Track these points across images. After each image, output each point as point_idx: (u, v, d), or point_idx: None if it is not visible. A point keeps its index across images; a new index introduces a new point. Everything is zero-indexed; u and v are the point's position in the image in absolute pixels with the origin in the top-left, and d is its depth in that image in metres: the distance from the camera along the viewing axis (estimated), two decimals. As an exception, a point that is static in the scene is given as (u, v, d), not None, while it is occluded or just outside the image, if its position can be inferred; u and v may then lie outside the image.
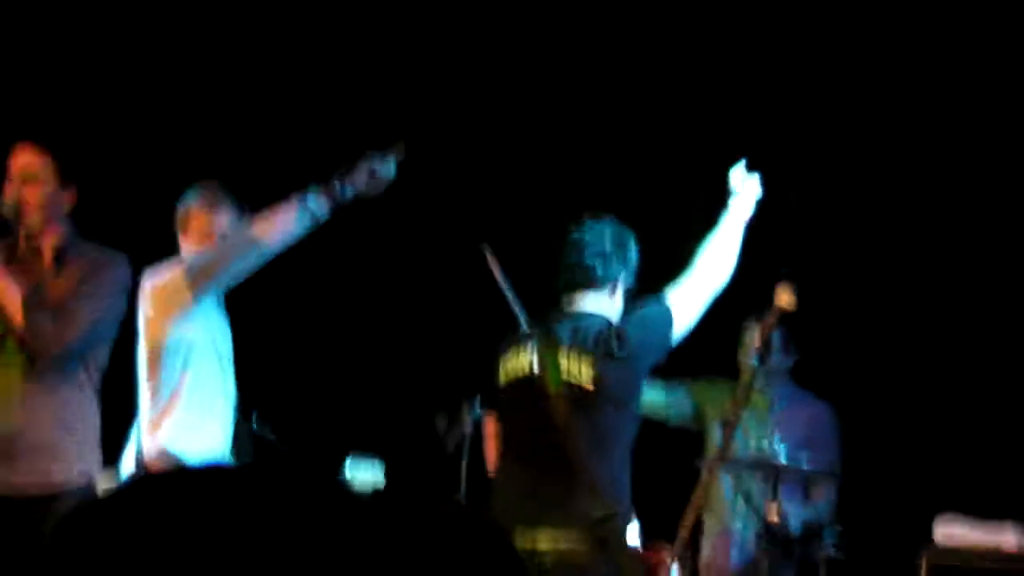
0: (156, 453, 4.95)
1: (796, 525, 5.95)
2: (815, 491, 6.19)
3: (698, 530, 6.16)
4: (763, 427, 6.19)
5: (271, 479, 2.36)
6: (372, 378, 7.34)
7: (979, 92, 6.73)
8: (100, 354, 4.79)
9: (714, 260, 4.73)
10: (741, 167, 4.85)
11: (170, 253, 5.19)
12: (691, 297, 4.69)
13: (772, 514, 5.66)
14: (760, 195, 4.82)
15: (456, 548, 2.47)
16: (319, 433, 6.78)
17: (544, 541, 4.43)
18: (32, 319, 4.61)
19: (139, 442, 5.05)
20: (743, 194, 4.81)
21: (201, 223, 5.22)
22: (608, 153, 7.08)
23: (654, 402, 5.90)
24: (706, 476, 5.74)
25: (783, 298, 4.57)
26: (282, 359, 7.12)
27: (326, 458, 5.82)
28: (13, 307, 4.63)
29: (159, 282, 5.03)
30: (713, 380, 6.28)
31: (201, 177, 5.37)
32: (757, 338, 5.88)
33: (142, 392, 5.06)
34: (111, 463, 5.22)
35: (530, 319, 4.66)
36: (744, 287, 4.87)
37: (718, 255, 4.74)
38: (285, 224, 4.92)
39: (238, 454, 5.37)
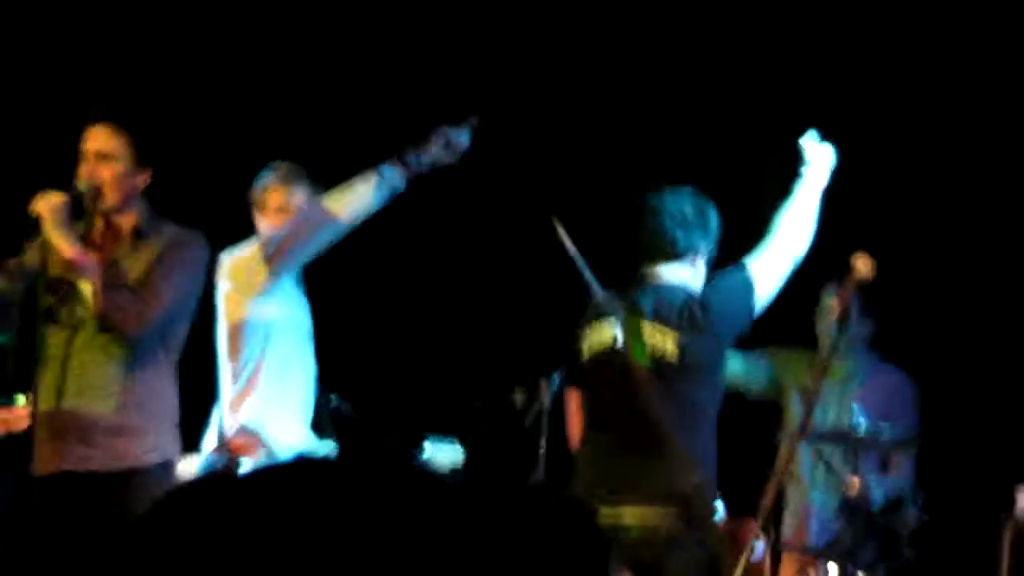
0: (237, 430, 4.97)
1: (877, 497, 5.89)
2: (895, 462, 6.12)
3: (779, 503, 6.12)
4: (842, 398, 6.13)
5: (352, 465, 2.36)
6: (448, 355, 7.35)
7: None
8: (178, 333, 4.80)
9: (792, 229, 4.70)
10: (813, 136, 4.81)
11: (247, 235, 5.21)
12: (772, 266, 4.66)
13: (852, 489, 5.61)
14: (835, 164, 4.78)
15: (539, 527, 2.46)
16: (397, 411, 6.78)
17: (630, 516, 4.42)
18: (110, 298, 4.61)
19: (220, 421, 5.07)
20: (816, 163, 4.77)
21: (277, 201, 5.23)
22: (682, 122, 7.03)
23: (733, 373, 5.85)
24: (786, 449, 5.73)
25: (860, 267, 4.53)
26: (359, 335, 7.13)
27: (405, 436, 5.82)
28: (92, 288, 4.64)
29: (238, 260, 5.04)
30: (791, 350, 6.23)
31: (275, 157, 5.39)
32: (836, 308, 5.88)
33: (223, 371, 5.08)
34: (193, 442, 5.26)
35: (610, 291, 4.65)
36: (820, 255, 4.84)
37: (796, 224, 4.71)
38: (362, 198, 4.92)
39: (318, 431, 5.39)
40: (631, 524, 4.42)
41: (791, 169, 4.78)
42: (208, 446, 5.23)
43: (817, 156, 4.78)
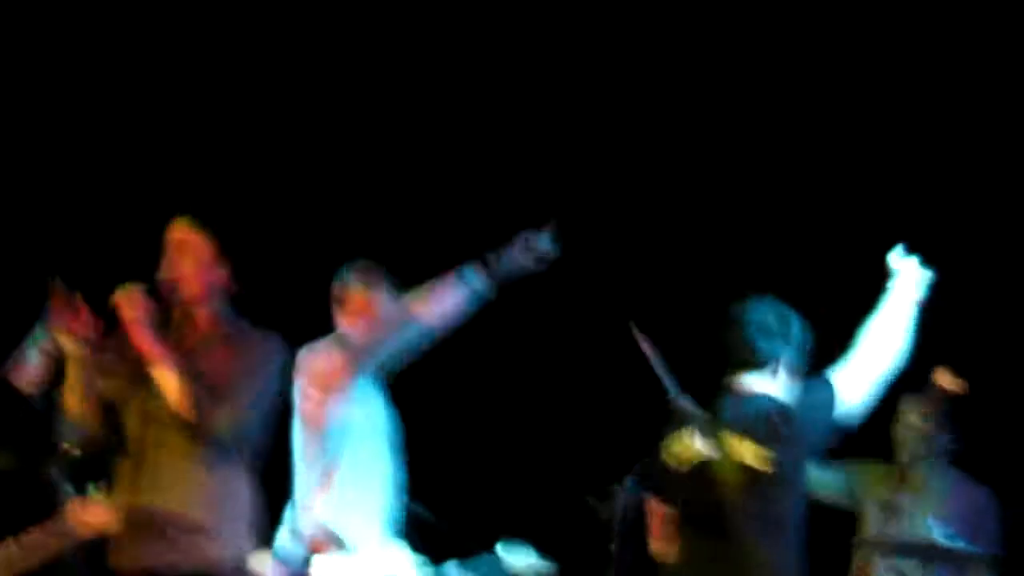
0: (315, 529, 4.94)
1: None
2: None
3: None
4: (920, 510, 6.06)
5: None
6: (523, 459, 7.33)
7: None
8: (254, 433, 4.79)
9: (880, 341, 4.66)
10: (899, 250, 4.78)
11: (326, 331, 5.21)
12: (857, 378, 4.61)
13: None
14: (929, 278, 4.74)
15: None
16: (472, 513, 6.75)
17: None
18: (185, 392, 4.61)
19: (293, 519, 5.04)
20: (905, 276, 4.73)
21: (357, 300, 5.25)
22: (763, 232, 7.02)
23: (809, 482, 5.81)
24: (861, 559, 5.66)
25: (944, 381, 4.48)
26: (438, 439, 7.12)
27: (479, 539, 5.79)
28: (167, 381, 4.64)
29: (317, 360, 5.04)
30: (869, 463, 6.18)
31: (356, 254, 5.40)
32: (920, 421, 5.81)
33: (299, 470, 5.06)
34: (266, 541, 5.23)
35: (690, 399, 4.62)
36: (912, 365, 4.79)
37: (884, 336, 4.66)
38: (446, 302, 4.94)
39: (401, 535, 5.36)
40: None
41: (881, 282, 4.75)
42: (280, 545, 5.19)
43: (906, 270, 4.75)
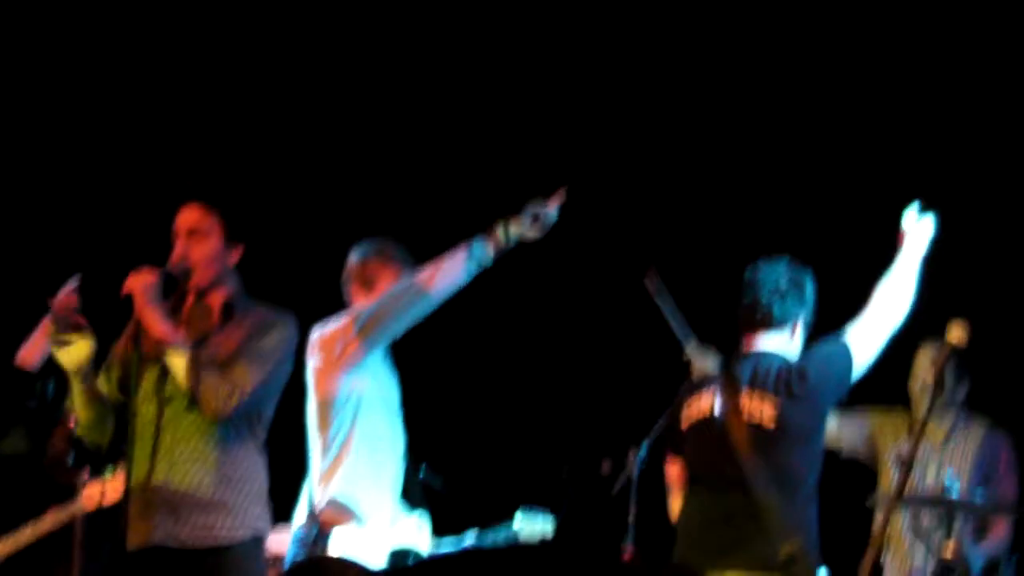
0: (327, 503, 4.98)
1: (975, 561, 5.81)
2: (993, 526, 6.04)
3: (878, 568, 6.05)
4: (938, 461, 6.08)
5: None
6: (538, 425, 7.35)
7: None
8: (266, 413, 4.82)
9: (891, 298, 4.70)
10: (915, 208, 4.81)
11: (337, 309, 5.24)
12: (869, 335, 4.66)
13: (948, 551, 5.53)
14: (935, 234, 4.77)
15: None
16: (488, 482, 6.79)
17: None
18: (199, 376, 4.65)
19: (311, 494, 5.09)
20: (917, 234, 4.76)
21: (371, 275, 5.26)
22: (781, 191, 7.03)
23: (828, 433, 5.82)
24: (883, 515, 5.67)
25: (955, 333, 4.49)
26: (448, 407, 7.15)
27: (496, 508, 5.82)
28: (182, 365, 4.68)
29: (329, 334, 5.07)
30: (887, 410, 6.19)
31: (366, 231, 5.43)
32: (930, 373, 5.82)
33: (313, 444, 5.09)
34: (284, 516, 5.28)
35: (709, 351, 4.69)
36: (916, 316, 4.81)
37: (894, 293, 4.71)
38: (452, 273, 4.95)
39: (409, 504, 5.40)
40: None
41: (892, 239, 4.77)
42: (299, 519, 5.24)
43: (917, 228, 4.78)
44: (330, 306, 5.25)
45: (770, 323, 4.70)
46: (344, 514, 4.96)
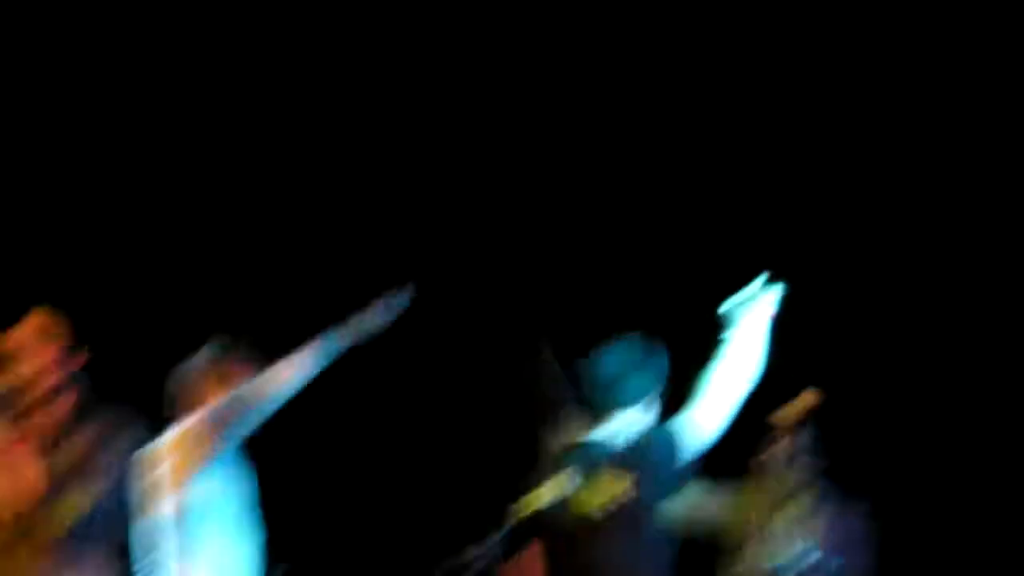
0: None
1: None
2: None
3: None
4: (792, 534, 6.13)
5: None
6: (398, 515, 7.31)
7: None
8: (118, 522, 4.75)
9: (736, 366, 4.72)
10: (760, 279, 4.86)
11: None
12: (715, 405, 4.67)
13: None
14: (778, 305, 4.82)
15: None
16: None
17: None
18: (45, 490, 4.57)
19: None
20: (761, 303, 4.81)
21: (222, 372, 5.21)
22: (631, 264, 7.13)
23: (681, 511, 5.86)
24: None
25: (806, 403, 4.56)
26: (305, 501, 7.08)
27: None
28: (25, 483, 4.60)
29: (177, 436, 5.02)
30: (738, 484, 6.24)
31: (215, 330, 5.40)
32: (783, 444, 5.90)
33: (164, 547, 5.02)
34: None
35: (562, 436, 4.70)
36: (769, 389, 4.86)
37: (739, 361, 4.73)
38: (301, 369, 4.95)
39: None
40: None
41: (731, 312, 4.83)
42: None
43: (761, 297, 4.83)
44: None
45: (621, 400, 4.70)
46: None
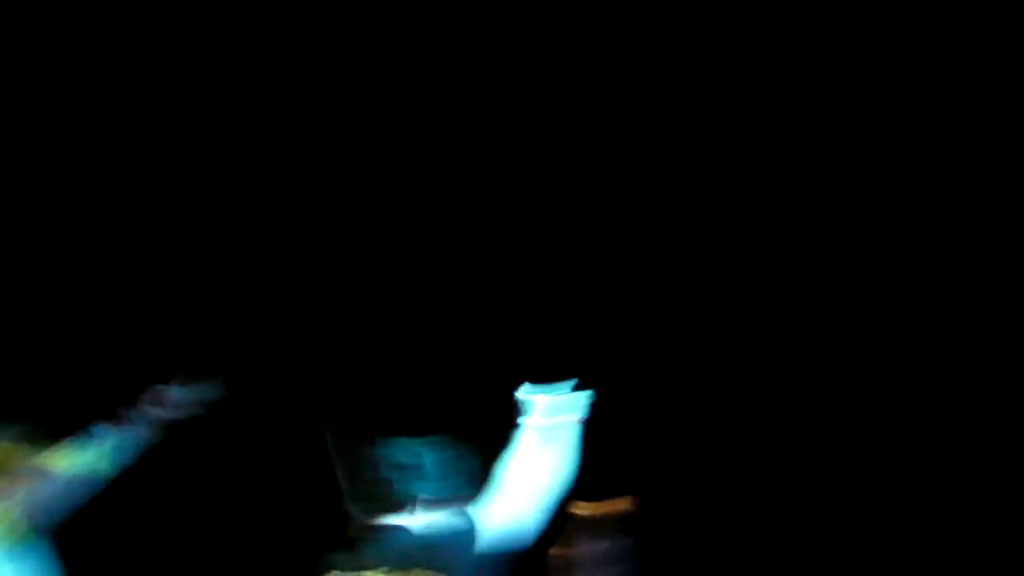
0: None
1: None
2: None
3: None
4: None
5: None
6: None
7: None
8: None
9: (535, 459, 4.60)
10: (570, 384, 4.76)
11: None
12: (515, 500, 4.54)
13: None
14: (585, 408, 4.74)
15: None
16: None
17: None
18: None
19: None
20: (568, 404, 4.71)
21: (10, 463, 5.00)
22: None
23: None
24: None
25: (618, 507, 4.50)
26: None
27: None
28: None
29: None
30: None
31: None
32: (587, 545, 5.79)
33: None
34: None
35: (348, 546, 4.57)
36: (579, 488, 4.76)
37: (538, 454, 4.61)
38: (100, 459, 4.87)
39: None
40: None
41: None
42: None
43: (568, 399, 4.72)
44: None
45: (391, 503, 4.56)
46: None
